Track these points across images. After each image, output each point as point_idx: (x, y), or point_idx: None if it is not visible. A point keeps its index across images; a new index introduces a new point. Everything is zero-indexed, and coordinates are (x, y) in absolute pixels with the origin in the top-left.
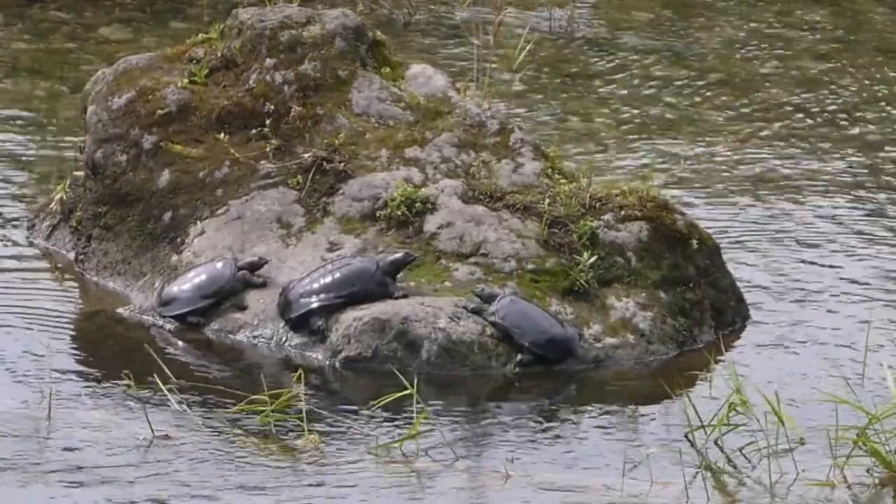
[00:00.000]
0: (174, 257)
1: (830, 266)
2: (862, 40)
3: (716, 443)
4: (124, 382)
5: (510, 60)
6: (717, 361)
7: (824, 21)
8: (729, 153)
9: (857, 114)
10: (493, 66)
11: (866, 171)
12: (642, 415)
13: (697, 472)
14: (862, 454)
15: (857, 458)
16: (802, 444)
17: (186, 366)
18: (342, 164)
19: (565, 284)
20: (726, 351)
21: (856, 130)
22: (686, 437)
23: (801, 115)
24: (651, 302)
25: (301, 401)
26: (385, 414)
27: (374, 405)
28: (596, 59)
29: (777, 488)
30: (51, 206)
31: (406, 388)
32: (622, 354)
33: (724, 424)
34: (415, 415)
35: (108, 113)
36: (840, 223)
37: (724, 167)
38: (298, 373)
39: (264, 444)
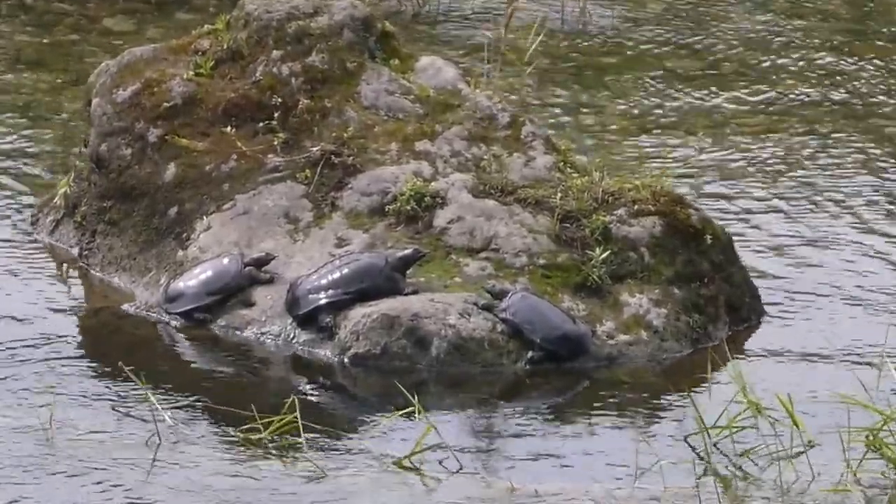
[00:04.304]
0: (180, 253)
1: (848, 262)
2: (878, 30)
3: (715, 446)
4: (129, 380)
5: (521, 53)
6: (730, 360)
7: (839, 11)
8: (744, 146)
9: (875, 105)
10: (504, 58)
11: (884, 163)
12: (655, 415)
13: (710, 478)
14: (876, 456)
15: (871, 461)
16: (812, 446)
17: (192, 364)
18: (351, 158)
19: (577, 280)
20: (741, 349)
21: (873, 122)
22: (685, 440)
23: (816, 107)
24: (665, 298)
25: (298, 423)
26: (390, 422)
27: (378, 421)
28: (609, 52)
29: (791, 493)
30: (55, 200)
31: (412, 399)
32: (635, 352)
33: (735, 427)
34: (418, 424)
35: (113, 106)
36: (858, 217)
37: (739, 160)
38: (292, 399)
39: (267, 459)
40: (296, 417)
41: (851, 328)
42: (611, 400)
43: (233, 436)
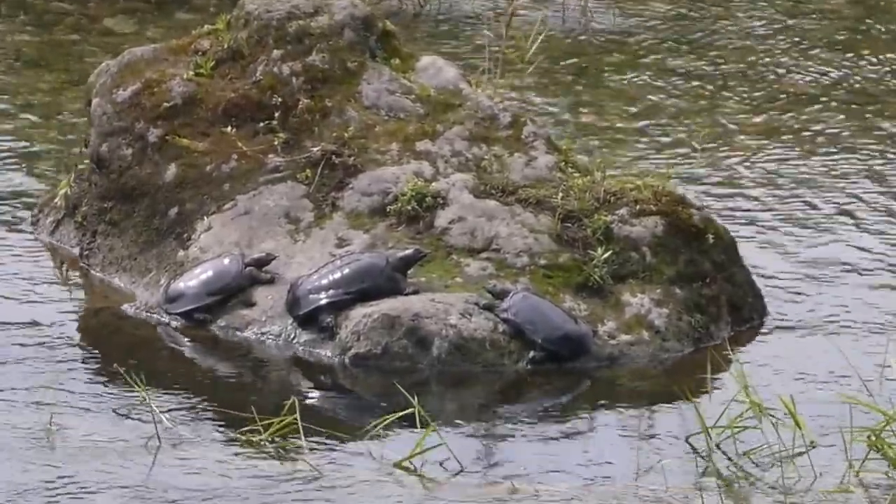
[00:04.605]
0: (180, 253)
1: (850, 261)
2: (880, 28)
3: (717, 446)
4: (129, 381)
5: (523, 52)
6: (732, 359)
7: (841, 9)
8: (745, 145)
9: (876, 104)
10: (506, 57)
11: (886, 163)
12: (656, 415)
13: (712, 478)
14: (879, 457)
15: (873, 461)
16: (814, 446)
17: (192, 364)
18: (351, 158)
19: (579, 280)
20: (742, 348)
21: (875, 121)
22: (686, 440)
23: (818, 106)
24: (666, 298)
25: (298, 425)
26: (391, 422)
27: (378, 423)
28: (609, 51)
29: (793, 493)
30: (55, 200)
31: (413, 398)
32: (637, 352)
33: (737, 427)
34: (419, 425)
35: (113, 106)
36: (860, 217)
37: (740, 160)
38: (292, 400)
39: (267, 460)
40: (296, 419)
41: (853, 328)
42: (612, 400)
43: (233, 437)
